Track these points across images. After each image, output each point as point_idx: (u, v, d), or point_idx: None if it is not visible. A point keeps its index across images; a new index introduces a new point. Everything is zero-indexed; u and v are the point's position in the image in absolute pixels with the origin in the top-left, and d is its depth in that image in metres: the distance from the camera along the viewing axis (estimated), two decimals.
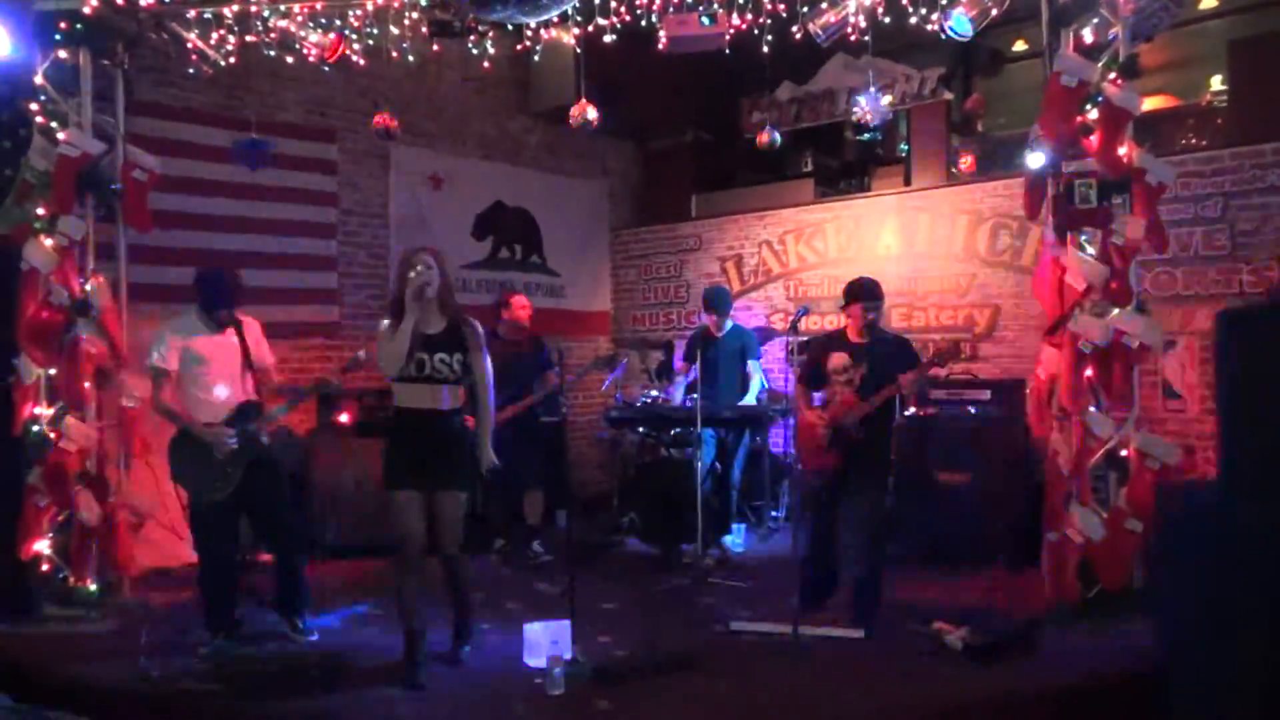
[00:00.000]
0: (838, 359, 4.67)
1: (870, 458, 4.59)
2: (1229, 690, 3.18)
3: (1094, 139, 4.54)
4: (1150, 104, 6.19)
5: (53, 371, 4.92)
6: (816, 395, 4.84)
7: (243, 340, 4.45)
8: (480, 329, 4.11)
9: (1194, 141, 6.79)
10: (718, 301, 6.52)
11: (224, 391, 4.40)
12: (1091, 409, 4.53)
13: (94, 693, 3.90)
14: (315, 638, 4.51)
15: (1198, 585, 3.37)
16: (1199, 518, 3.47)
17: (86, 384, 4.96)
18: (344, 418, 6.41)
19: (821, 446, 4.61)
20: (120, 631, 4.63)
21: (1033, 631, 4.28)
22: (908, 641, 4.27)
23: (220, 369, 4.40)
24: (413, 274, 3.87)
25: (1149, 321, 4.48)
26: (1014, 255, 6.87)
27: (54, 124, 5.02)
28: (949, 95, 7.64)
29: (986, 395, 6.09)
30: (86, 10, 4.87)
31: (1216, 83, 7.08)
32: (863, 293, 4.66)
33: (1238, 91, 6.44)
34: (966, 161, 7.86)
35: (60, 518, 4.93)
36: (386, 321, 3.96)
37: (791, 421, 5.04)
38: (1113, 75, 4.53)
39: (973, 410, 6.09)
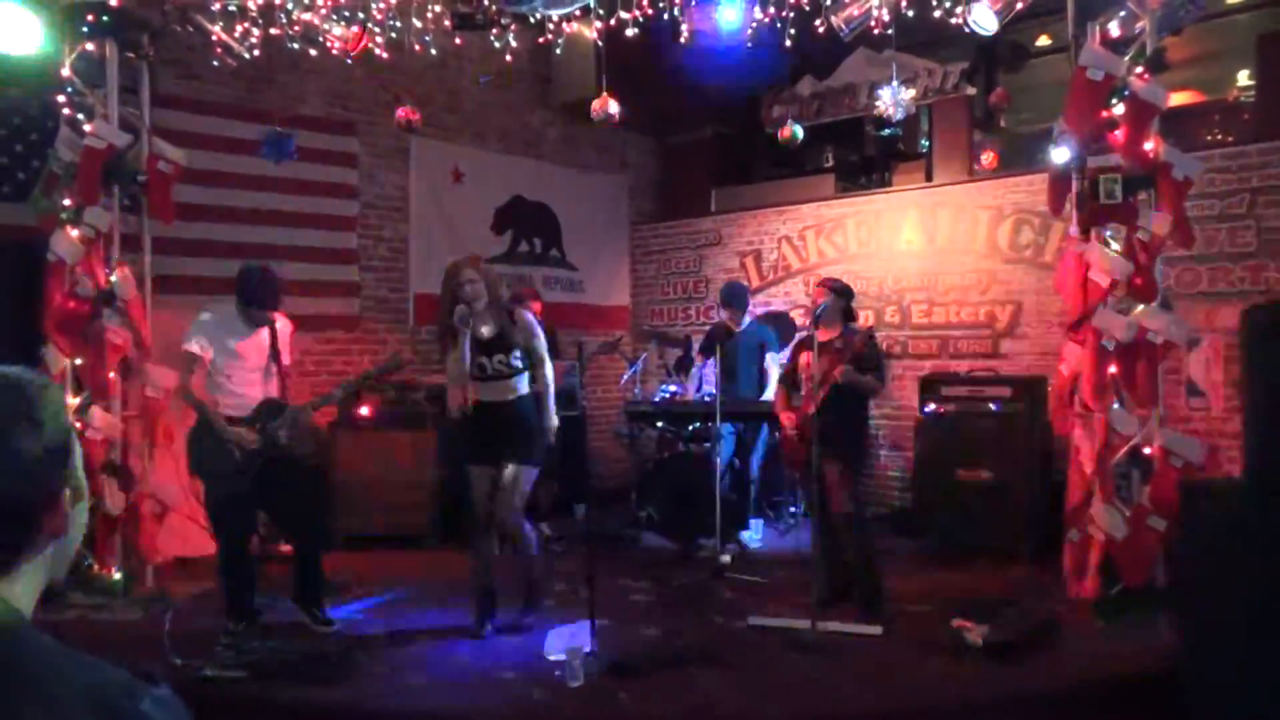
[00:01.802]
0: (805, 359, 4.82)
1: (834, 448, 4.63)
2: (1249, 689, 3.15)
3: (1119, 134, 4.50)
4: (1176, 99, 6.12)
5: (78, 361, 4.98)
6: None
7: (274, 340, 4.50)
8: (527, 317, 4.52)
9: (1220, 137, 6.71)
10: (735, 297, 6.51)
11: (250, 387, 4.45)
12: (1115, 406, 4.49)
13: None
14: (335, 627, 4.55)
15: (1220, 584, 3.34)
16: (1223, 516, 3.44)
17: (111, 374, 5.02)
18: (364, 410, 6.46)
19: (793, 443, 4.82)
20: (144, 620, 4.68)
21: (1052, 629, 4.26)
22: (926, 638, 4.26)
23: (250, 365, 4.45)
24: (459, 299, 4.30)
25: (1173, 318, 4.44)
26: (1036, 251, 6.81)
27: (80, 116, 5.08)
28: (971, 90, 7.58)
29: (1008, 392, 6.05)
30: (113, 3, 4.92)
31: (1244, 78, 7.00)
32: (820, 283, 4.96)
33: (1265, 86, 6.36)
34: (988, 158, 7.80)
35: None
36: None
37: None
38: (1139, 69, 4.49)
39: (994, 407, 6.05)
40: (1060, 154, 4.72)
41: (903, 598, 4.88)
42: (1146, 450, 4.49)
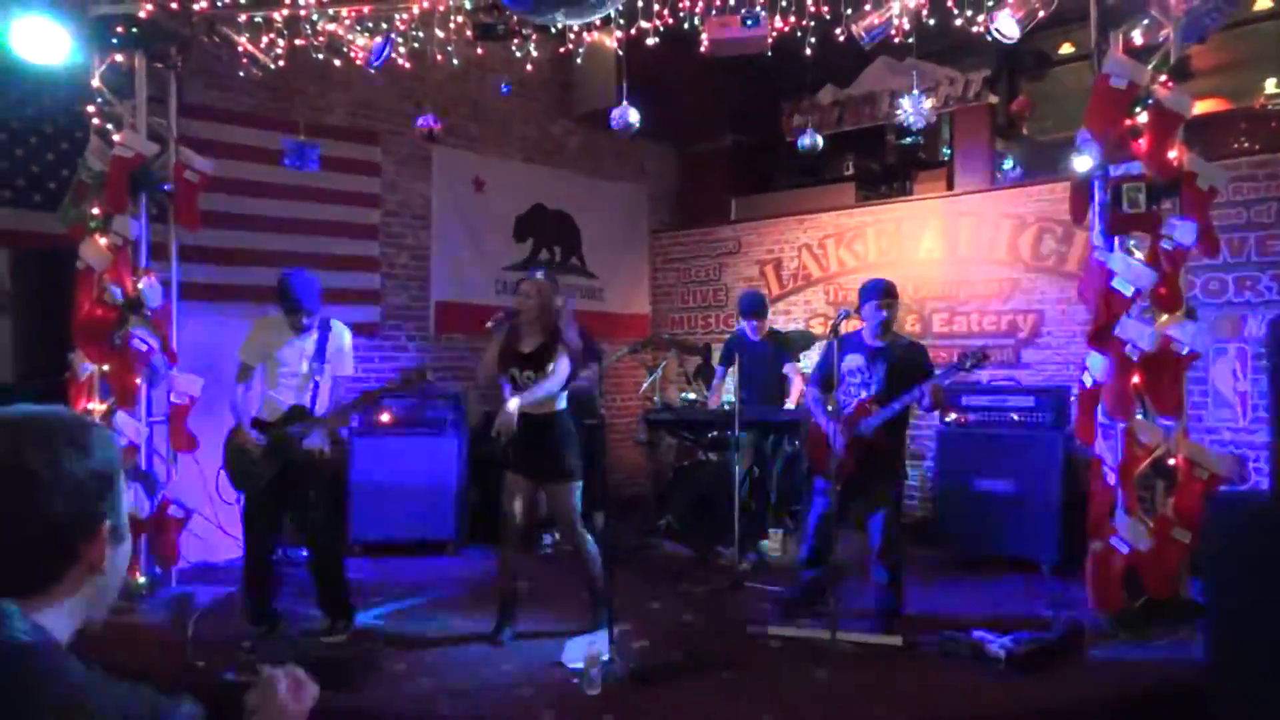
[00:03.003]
0: (852, 361, 4.68)
1: (884, 463, 4.58)
2: (1276, 703, 3.11)
3: (1143, 142, 4.46)
4: (1202, 107, 6.07)
5: (105, 368, 5.05)
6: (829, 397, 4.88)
7: (321, 347, 4.54)
8: (571, 340, 4.46)
9: (1247, 145, 6.64)
10: (754, 306, 6.51)
11: (284, 393, 4.52)
12: (1139, 416, 4.45)
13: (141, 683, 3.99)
14: (343, 637, 4.54)
15: (1247, 597, 3.30)
16: (1249, 528, 3.40)
17: (137, 380, 5.08)
18: (385, 417, 6.49)
19: (836, 451, 4.58)
20: (168, 623, 4.72)
21: (1076, 641, 4.22)
22: (947, 650, 4.22)
23: (288, 371, 4.52)
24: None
25: (1198, 328, 4.39)
26: (1059, 260, 6.77)
27: (109, 126, 5.16)
28: (993, 98, 7.55)
29: (1030, 402, 6.01)
30: (142, 15, 5.00)
31: (1271, 85, 6.93)
32: (871, 291, 4.70)
33: None
34: (1010, 165, 7.76)
35: None
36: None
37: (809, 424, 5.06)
38: (1163, 77, 4.45)
39: (1016, 417, 6.01)
40: (1083, 162, 4.68)
41: (924, 609, 4.85)
42: (1171, 461, 4.44)
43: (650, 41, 5.27)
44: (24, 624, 0.98)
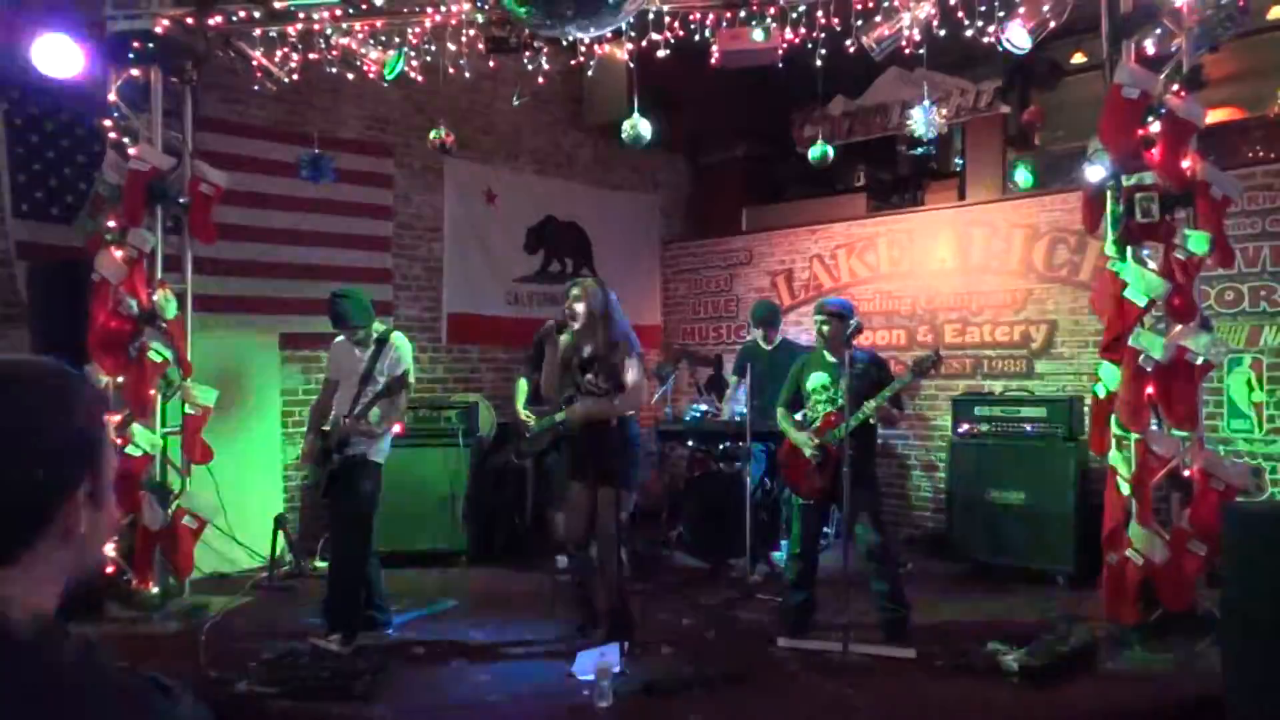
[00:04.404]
0: (816, 378, 4.75)
1: (857, 472, 4.56)
2: None
3: (1156, 151, 4.44)
4: (1215, 116, 6.04)
5: (120, 379, 5.08)
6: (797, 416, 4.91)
7: (374, 359, 4.63)
8: (629, 346, 4.46)
9: (1261, 154, 6.60)
10: (766, 316, 6.50)
11: (341, 406, 4.67)
12: (1153, 427, 4.42)
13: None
14: (335, 647, 4.50)
15: (1264, 609, 3.27)
16: (1266, 539, 3.37)
17: (152, 391, 5.11)
18: (395, 428, 6.49)
19: (809, 467, 4.65)
20: (181, 633, 4.74)
21: (1090, 654, 4.18)
22: (960, 662, 4.19)
23: (348, 385, 4.69)
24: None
25: (1213, 338, 4.36)
26: (1071, 270, 6.74)
27: (126, 139, 5.21)
28: (1005, 108, 7.54)
29: (1043, 413, 5.98)
30: (158, 30, 5.05)
31: None
32: (815, 310, 4.93)
33: None
34: (1022, 175, 7.74)
35: (124, 521, 5.07)
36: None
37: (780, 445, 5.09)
38: (1176, 86, 4.44)
39: (1028, 428, 5.98)
40: (1095, 172, 4.66)
41: (937, 620, 4.82)
42: (1186, 473, 4.41)
43: (661, 54, 5.30)
44: (23, 617, 0.93)
